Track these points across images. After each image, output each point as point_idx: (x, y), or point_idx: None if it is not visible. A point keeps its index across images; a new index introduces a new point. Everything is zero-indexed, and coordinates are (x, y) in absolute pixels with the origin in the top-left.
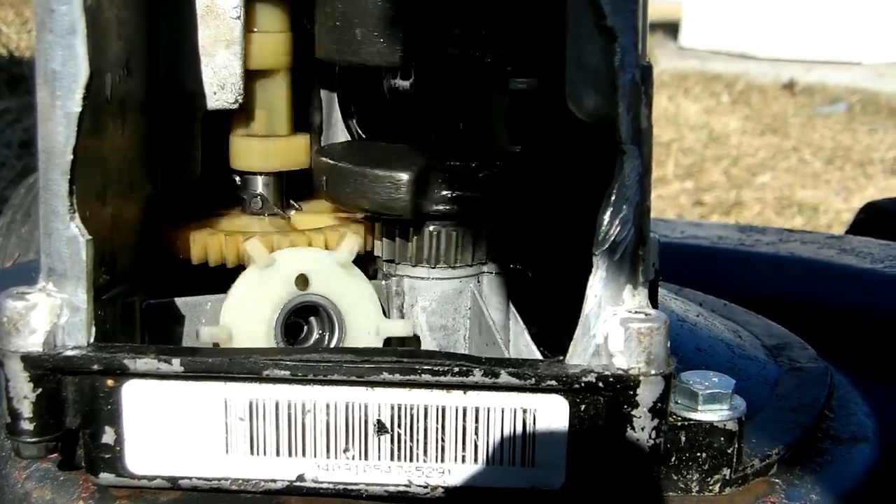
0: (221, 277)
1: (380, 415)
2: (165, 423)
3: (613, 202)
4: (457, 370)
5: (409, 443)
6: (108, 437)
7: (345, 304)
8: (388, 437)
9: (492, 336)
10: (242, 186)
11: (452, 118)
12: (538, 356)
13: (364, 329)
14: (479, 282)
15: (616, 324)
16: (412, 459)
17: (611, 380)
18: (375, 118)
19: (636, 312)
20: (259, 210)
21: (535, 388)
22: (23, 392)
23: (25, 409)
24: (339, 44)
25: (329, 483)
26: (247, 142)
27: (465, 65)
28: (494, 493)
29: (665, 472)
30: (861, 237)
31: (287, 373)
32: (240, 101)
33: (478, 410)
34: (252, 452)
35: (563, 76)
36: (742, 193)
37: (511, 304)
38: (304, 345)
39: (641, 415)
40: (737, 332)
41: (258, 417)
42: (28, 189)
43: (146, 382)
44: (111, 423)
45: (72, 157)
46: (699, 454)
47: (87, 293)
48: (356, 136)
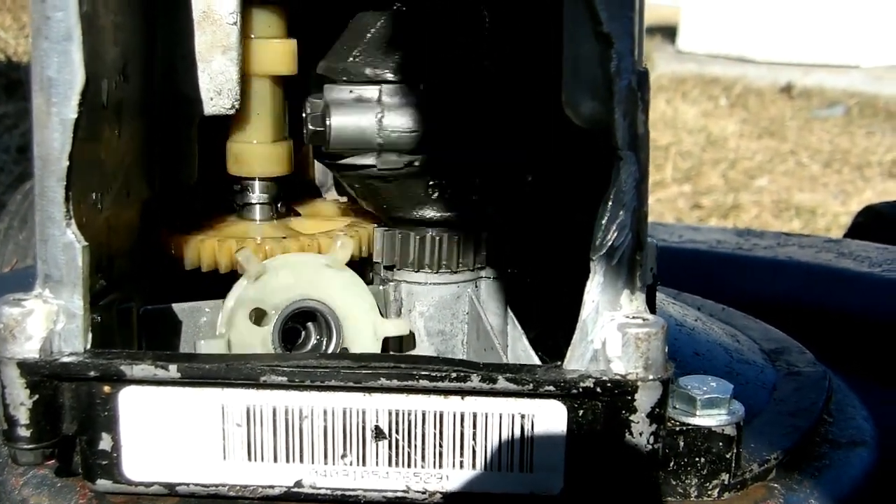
0: (219, 282)
1: (377, 420)
2: (162, 430)
3: (610, 208)
4: (454, 376)
5: (407, 448)
6: (105, 444)
7: (340, 307)
8: (386, 443)
9: (490, 341)
10: (240, 192)
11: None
12: (536, 361)
13: (361, 330)
14: (477, 287)
15: (614, 329)
16: (410, 465)
17: (609, 385)
18: None
19: (634, 317)
20: (256, 216)
21: (533, 394)
22: (19, 399)
23: (22, 416)
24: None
25: (327, 489)
26: (243, 147)
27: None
28: (493, 499)
29: (663, 478)
30: (859, 241)
31: (284, 379)
32: (236, 107)
33: (476, 416)
34: (249, 458)
35: (562, 79)
36: (740, 197)
37: (509, 310)
38: (302, 350)
39: (639, 420)
40: (735, 337)
41: (255, 423)
42: (25, 195)
43: (143, 389)
44: (108, 430)
45: (68, 164)
46: (697, 459)
47: (84, 299)
48: None
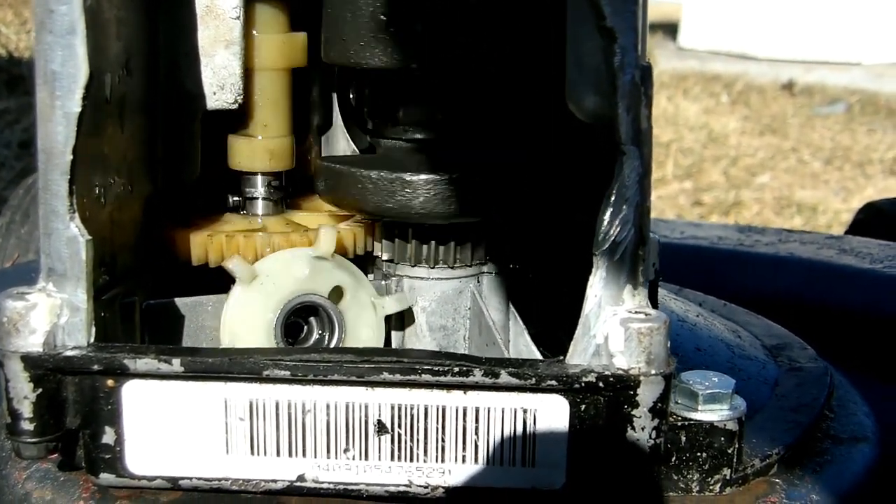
0: (221, 277)
1: (380, 415)
2: (166, 424)
3: (613, 202)
4: (457, 370)
5: (410, 443)
6: (109, 438)
7: (337, 296)
8: (389, 438)
9: (492, 336)
10: (242, 187)
11: (452, 118)
12: (538, 356)
13: (362, 312)
14: (479, 282)
15: (616, 324)
16: (412, 459)
17: (611, 380)
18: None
19: (636, 312)
20: (259, 210)
21: (536, 389)
22: (23, 392)
23: (25, 410)
24: (339, 46)
25: (329, 483)
26: (245, 142)
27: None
28: (495, 493)
29: (665, 472)
30: (860, 237)
31: (287, 373)
32: (239, 102)
33: (478, 410)
34: (252, 452)
35: (564, 76)
36: (741, 194)
37: (511, 305)
38: (305, 345)
39: (642, 415)
40: (736, 333)
41: (258, 417)
42: (27, 190)
43: (146, 382)
44: (111, 424)
45: (71, 158)
46: (699, 454)
47: (87, 293)
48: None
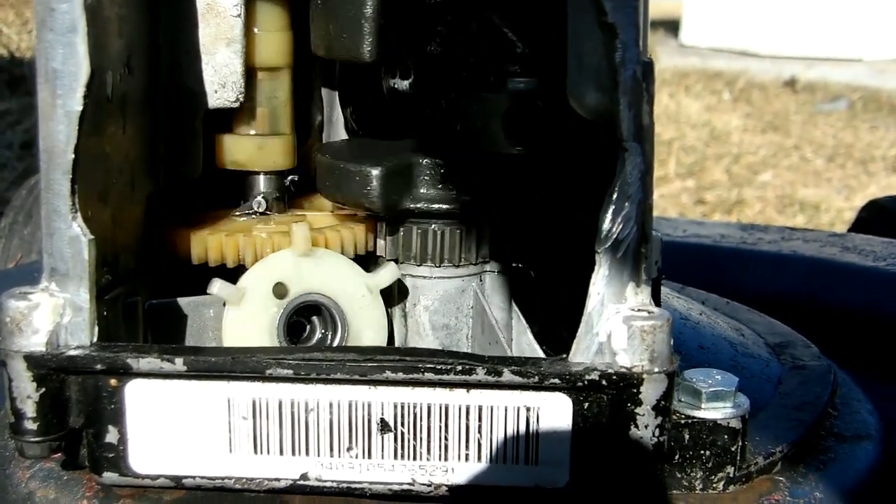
0: (224, 277)
1: (383, 413)
2: (169, 423)
3: (615, 200)
4: (460, 369)
5: (413, 441)
6: (112, 437)
7: (330, 289)
8: (392, 436)
9: (494, 335)
10: (244, 185)
11: (452, 116)
12: (541, 354)
13: (355, 294)
14: (482, 281)
15: (619, 322)
16: (416, 458)
17: (614, 378)
18: (376, 116)
19: (639, 310)
20: (261, 209)
21: (539, 387)
22: (26, 392)
23: (29, 409)
24: (325, 39)
25: (333, 482)
26: (246, 140)
27: (462, 62)
28: (498, 492)
29: (669, 470)
30: (863, 235)
31: (290, 372)
32: (241, 100)
33: (481, 409)
34: (255, 451)
35: (564, 74)
36: (744, 192)
37: (513, 303)
38: (307, 344)
39: (645, 413)
40: (740, 331)
41: (261, 416)
42: (29, 190)
43: (149, 382)
44: (114, 423)
45: (73, 157)
46: (703, 452)
47: (90, 293)
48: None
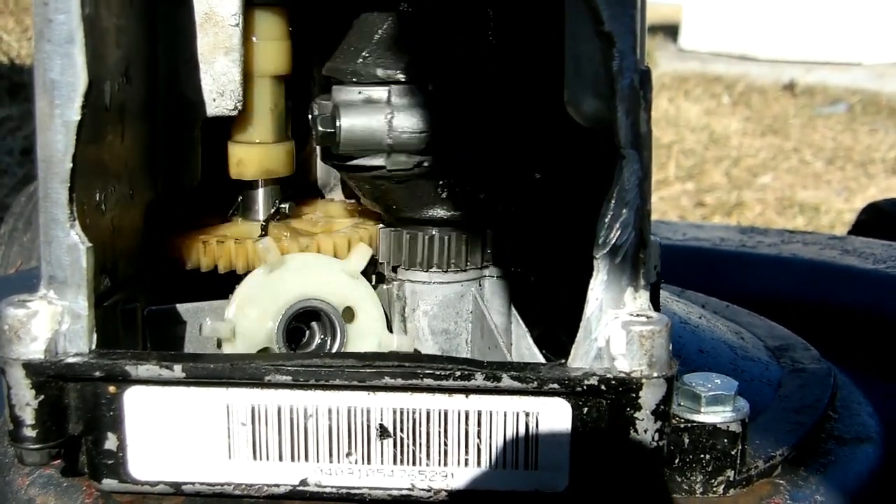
0: (222, 283)
1: (382, 419)
2: (168, 429)
3: (613, 206)
4: (459, 374)
5: (412, 447)
6: (111, 444)
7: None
8: (391, 441)
9: (494, 340)
10: (242, 192)
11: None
12: (540, 359)
13: (366, 341)
14: (481, 285)
15: (618, 327)
16: (415, 463)
17: (613, 383)
18: None
19: (638, 315)
20: (259, 216)
21: (538, 392)
22: (25, 399)
23: (28, 417)
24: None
25: (332, 487)
26: (246, 148)
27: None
28: (498, 497)
29: (669, 475)
30: (863, 238)
31: (289, 378)
32: (239, 108)
33: (480, 414)
34: (255, 457)
35: (563, 80)
36: (743, 194)
37: (513, 308)
38: (306, 350)
39: (644, 417)
40: (739, 334)
41: (260, 422)
42: (29, 197)
43: (148, 389)
44: (113, 430)
45: (71, 166)
46: (703, 456)
47: (88, 300)
48: None
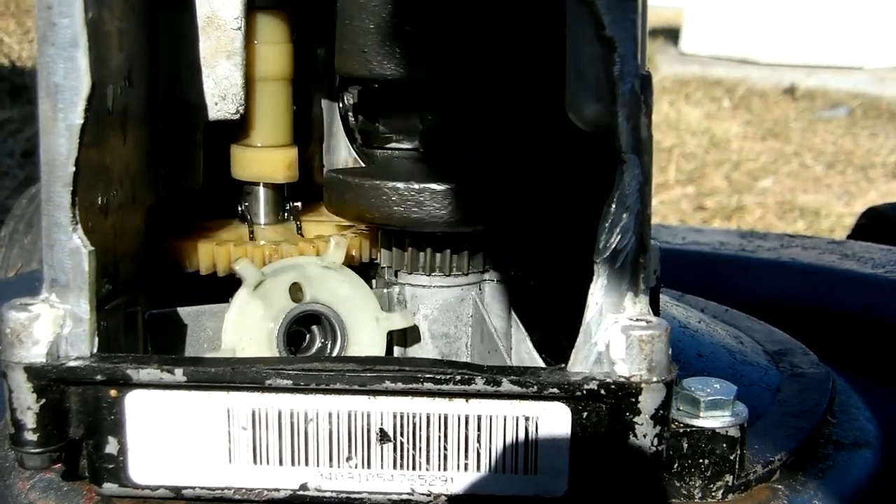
0: (223, 286)
1: (382, 423)
2: (168, 433)
3: (614, 211)
4: (459, 378)
5: (412, 451)
6: (112, 447)
7: (342, 306)
8: (391, 446)
9: (494, 344)
10: (244, 196)
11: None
12: (540, 364)
13: (365, 326)
14: (481, 289)
15: (617, 331)
16: (415, 468)
17: (612, 387)
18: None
19: (637, 320)
20: (260, 220)
21: (538, 396)
22: (26, 403)
23: (29, 420)
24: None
25: (332, 492)
26: (248, 152)
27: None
28: (497, 501)
29: (667, 479)
30: (862, 242)
31: (289, 382)
32: (241, 112)
33: (480, 418)
34: (255, 462)
35: (564, 84)
36: (744, 198)
37: (513, 312)
38: (307, 353)
39: (643, 422)
40: (738, 339)
41: (261, 427)
42: (30, 199)
43: (149, 392)
44: (114, 434)
45: (74, 169)
46: (701, 461)
47: (90, 304)
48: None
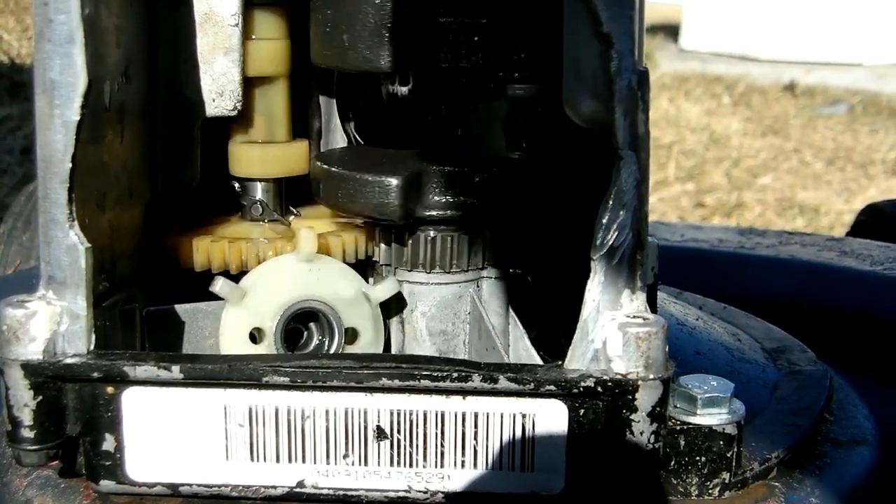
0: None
1: (379, 420)
2: (165, 430)
3: (611, 207)
4: (456, 376)
5: (409, 448)
6: (109, 445)
7: (327, 292)
8: (388, 443)
9: (491, 341)
10: (242, 193)
11: (450, 122)
12: (538, 361)
13: (354, 305)
14: (479, 286)
15: (614, 328)
16: (412, 465)
17: (609, 384)
18: (373, 123)
19: (634, 317)
20: (259, 216)
21: (535, 393)
22: (23, 400)
23: (26, 417)
24: (330, 49)
25: (329, 489)
26: (246, 148)
27: (462, 69)
28: (494, 499)
29: (664, 476)
30: (861, 239)
31: (286, 379)
32: (238, 108)
33: (477, 416)
34: (252, 459)
35: (561, 81)
36: (743, 195)
37: (510, 309)
38: (304, 351)
39: (640, 419)
40: (736, 336)
41: (258, 424)
42: (29, 196)
43: (146, 389)
44: (111, 431)
45: (70, 166)
46: (698, 458)
47: (87, 301)
48: (354, 142)
